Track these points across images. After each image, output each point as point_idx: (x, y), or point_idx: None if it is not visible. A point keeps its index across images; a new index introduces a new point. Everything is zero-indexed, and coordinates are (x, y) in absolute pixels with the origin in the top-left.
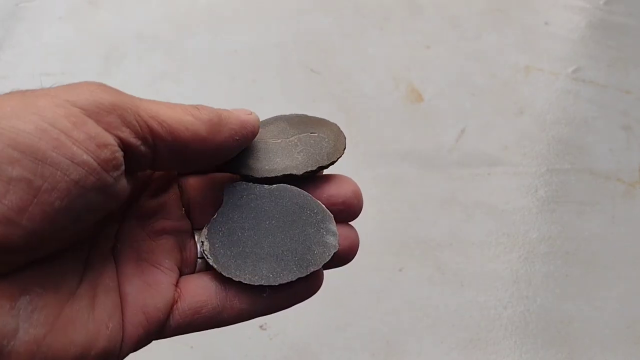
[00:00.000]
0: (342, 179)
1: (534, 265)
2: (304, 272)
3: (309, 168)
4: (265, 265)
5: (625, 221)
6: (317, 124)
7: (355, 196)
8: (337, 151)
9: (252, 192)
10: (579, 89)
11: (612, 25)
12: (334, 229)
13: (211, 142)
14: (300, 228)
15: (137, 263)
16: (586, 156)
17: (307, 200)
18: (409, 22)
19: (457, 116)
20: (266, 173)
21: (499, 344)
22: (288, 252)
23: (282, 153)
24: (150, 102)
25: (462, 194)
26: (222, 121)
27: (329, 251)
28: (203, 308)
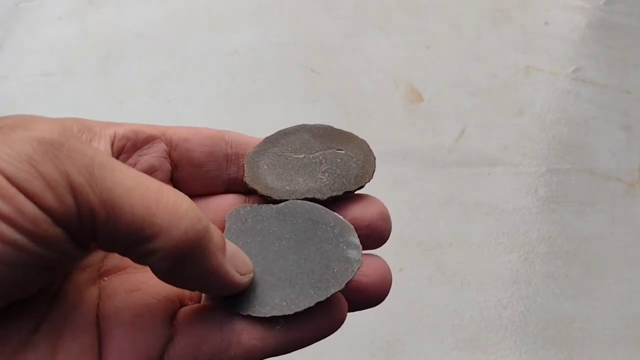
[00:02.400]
0: (367, 199)
1: (534, 265)
2: (323, 295)
3: (334, 192)
4: (277, 294)
5: (625, 221)
6: (344, 139)
7: (383, 218)
8: (366, 174)
9: (257, 214)
10: (579, 89)
11: (613, 26)
12: (355, 242)
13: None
14: (316, 245)
15: (128, 294)
16: (586, 156)
17: (322, 214)
18: (409, 22)
19: (457, 116)
20: (287, 195)
21: (499, 344)
22: (303, 274)
23: (305, 172)
24: (115, 173)
25: (462, 194)
26: (203, 248)
27: (352, 267)
28: (204, 344)
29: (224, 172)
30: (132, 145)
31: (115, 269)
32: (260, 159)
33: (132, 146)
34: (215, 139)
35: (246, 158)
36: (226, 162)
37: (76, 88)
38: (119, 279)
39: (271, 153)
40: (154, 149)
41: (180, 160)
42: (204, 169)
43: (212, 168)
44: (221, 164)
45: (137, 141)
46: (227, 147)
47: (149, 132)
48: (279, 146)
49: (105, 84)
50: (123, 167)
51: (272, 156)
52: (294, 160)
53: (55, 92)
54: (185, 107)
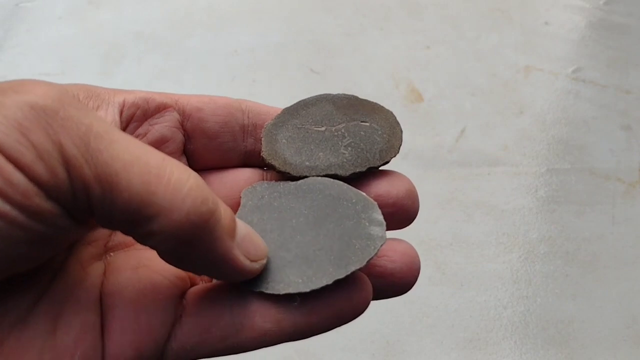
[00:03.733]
0: (392, 175)
1: (534, 265)
2: (342, 272)
3: (357, 169)
4: (293, 270)
5: (625, 221)
6: (369, 110)
7: (410, 196)
8: (392, 148)
9: (274, 191)
10: (579, 89)
11: (612, 25)
12: (379, 218)
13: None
14: (336, 222)
15: (134, 270)
16: (586, 156)
17: (343, 190)
18: (409, 22)
19: (457, 116)
20: (306, 171)
21: (499, 344)
22: (321, 251)
23: (326, 146)
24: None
25: (462, 194)
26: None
27: (375, 244)
28: (213, 326)
29: (241, 144)
30: (142, 113)
31: (123, 244)
32: (279, 131)
33: (143, 114)
34: (231, 108)
35: (264, 131)
36: (242, 134)
37: None
38: (126, 255)
39: (290, 125)
40: (165, 117)
41: (193, 130)
42: (219, 140)
43: (227, 139)
44: (237, 135)
45: (148, 109)
46: (243, 117)
47: (160, 99)
48: (299, 118)
49: (105, 83)
50: (123, 138)
51: (292, 129)
52: (314, 134)
53: None
54: None
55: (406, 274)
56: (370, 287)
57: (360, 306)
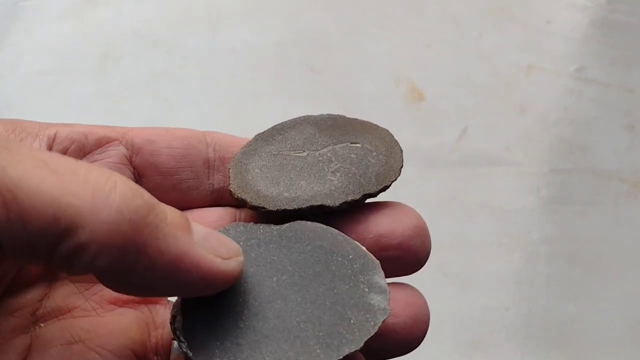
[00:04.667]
0: (396, 208)
1: (536, 266)
2: (333, 356)
3: (349, 197)
4: (269, 348)
5: (628, 221)
6: (360, 130)
7: (419, 235)
8: (391, 170)
9: (252, 237)
10: (581, 88)
11: (615, 24)
12: (381, 283)
13: (121, 266)
14: (328, 285)
15: (66, 347)
16: (589, 156)
17: (338, 241)
18: (410, 20)
19: (459, 115)
20: (285, 204)
21: (501, 346)
22: (308, 324)
23: (309, 173)
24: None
25: (464, 194)
26: (153, 238)
27: (375, 319)
28: None
29: (205, 182)
30: (78, 148)
31: (57, 311)
32: (250, 160)
33: (79, 149)
34: (191, 139)
35: (232, 161)
36: (207, 170)
37: (74, 87)
38: (59, 326)
39: (264, 153)
40: (109, 152)
41: (144, 167)
42: (176, 177)
43: (188, 177)
44: (200, 171)
45: (86, 144)
46: (207, 150)
47: (103, 133)
48: (274, 144)
49: (104, 82)
50: (24, 146)
51: (266, 156)
52: (294, 160)
53: (53, 91)
54: (183, 106)
55: (412, 330)
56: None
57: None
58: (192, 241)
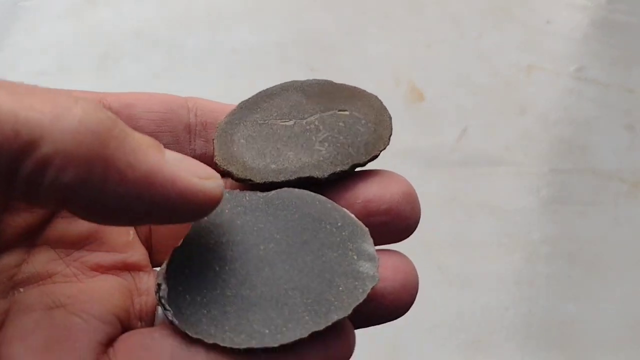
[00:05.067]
0: (384, 174)
1: (536, 267)
2: (321, 323)
3: (338, 167)
4: (257, 316)
5: (628, 222)
6: (348, 96)
7: (408, 200)
8: (380, 139)
9: (238, 204)
10: (581, 88)
11: (615, 24)
12: (370, 250)
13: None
14: (316, 252)
15: (47, 312)
16: (589, 156)
17: (326, 209)
18: (410, 20)
19: (459, 115)
20: (272, 176)
21: (501, 346)
22: (295, 291)
23: (297, 143)
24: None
25: (464, 194)
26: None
27: (364, 286)
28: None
29: (186, 147)
30: None
31: (37, 277)
32: (236, 130)
33: None
34: (172, 104)
35: (217, 131)
36: (188, 135)
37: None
38: (39, 291)
39: (249, 122)
40: None
41: None
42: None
43: (168, 141)
44: (181, 136)
45: None
46: (189, 115)
47: (78, 96)
48: (260, 112)
49: (104, 82)
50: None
51: (251, 126)
52: (280, 129)
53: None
54: None
55: (400, 295)
56: (354, 337)
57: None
58: (164, 159)
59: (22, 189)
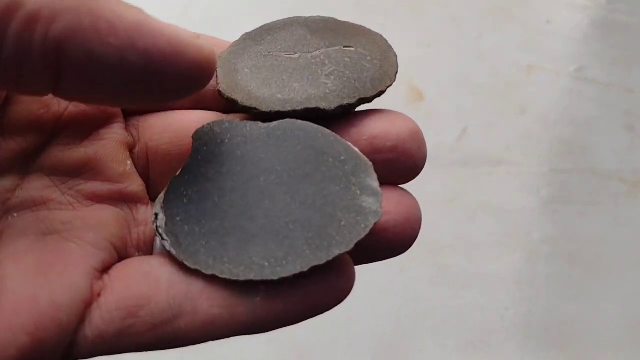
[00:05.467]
0: (391, 113)
1: (536, 267)
2: (322, 257)
3: (345, 101)
4: (257, 249)
5: (628, 222)
6: (353, 34)
7: (415, 139)
8: (386, 76)
9: (239, 134)
10: (581, 88)
11: (615, 24)
12: (374, 185)
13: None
14: (318, 185)
15: (41, 236)
16: (589, 156)
17: (329, 142)
18: (409, 20)
19: (459, 115)
20: (279, 105)
21: (501, 346)
22: (297, 224)
23: (302, 75)
24: None
25: (464, 194)
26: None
27: (366, 221)
28: (142, 309)
29: None
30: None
31: (31, 202)
32: (239, 60)
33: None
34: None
35: (219, 60)
36: None
37: None
38: (34, 217)
39: (253, 53)
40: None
41: None
42: None
43: None
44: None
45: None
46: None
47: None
48: (264, 44)
49: None
50: None
51: (256, 56)
52: (285, 61)
53: None
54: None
55: (403, 229)
56: (354, 272)
57: (339, 296)
58: (148, 15)
59: (13, 53)
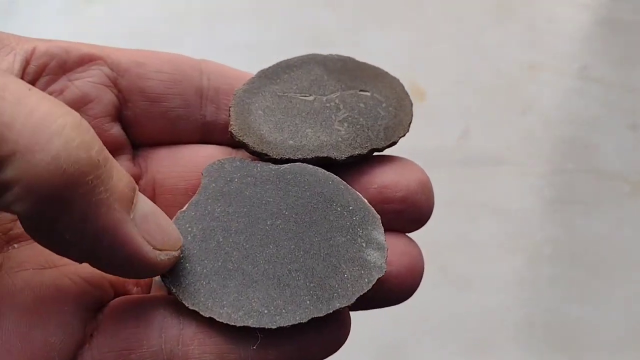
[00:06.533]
0: (401, 162)
1: (539, 267)
2: (322, 309)
3: (356, 151)
4: (258, 293)
5: (631, 222)
6: (370, 77)
7: (423, 190)
8: (400, 125)
9: (248, 174)
10: (584, 88)
11: (619, 23)
12: (380, 239)
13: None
14: (324, 234)
15: (38, 271)
16: (592, 156)
17: (339, 190)
18: (411, 18)
19: (460, 115)
20: (290, 152)
21: (502, 348)
22: (299, 273)
23: (316, 120)
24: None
25: (466, 194)
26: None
27: (370, 276)
28: (133, 352)
29: (196, 112)
30: (58, 65)
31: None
32: (253, 100)
33: (59, 67)
34: (184, 65)
35: (234, 99)
36: (199, 99)
37: None
38: (34, 249)
39: (268, 92)
40: (90, 72)
41: (130, 91)
42: (165, 104)
43: (177, 105)
44: (191, 100)
45: (67, 61)
46: (201, 78)
47: (86, 50)
48: (280, 83)
49: None
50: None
51: (270, 97)
52: (300, 104)
53: None
54: None
55: (405, 279)
56: (349, 323)
57: (333, 347)
58: (126, 217)
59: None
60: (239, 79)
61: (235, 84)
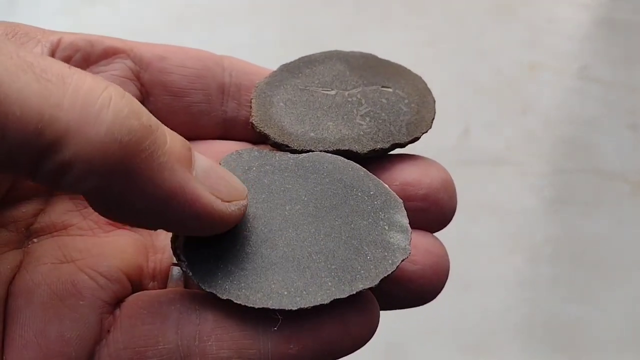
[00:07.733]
0: (424, 160)
1: (539, 267)
2: (345, 290)
3: (378, 144)
4: (277, 277)
5: (632, 222)
6: (392, 73)
7: (446, 189)
8: (423, 121)
9: (267, 163)
10: (584, 87)
11: (619, 22)
12: (403, 222)
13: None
14: (345, 218)
15: (56, 265)
16: (592, 156)
17: (359, 176)
18: (411, 18)
19: (461, 115)
20: (311, 144)
21: (502, 348)
22: (320, 255)
23: (338, 114)
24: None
25: (466, 194)
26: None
27: (394, 257)
28: (150, 349)
29: (218, 107)
30: (82, 57)
31: (52, 227)
32: (275, 92)
33: (83, 59)
34: (207, 61)
35: (255, 91)
36: (221, 95)
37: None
38: (53, 243)
39: (290, 86)
40: (114, 65)
41: (153, 85)
42: (187, 99)
43: (199, 100)
44: (213, 95)
45: (92, 53)
46: (223, 74)
47: (110, 43)
48: (302, 77)
49: None
50: (11, 44)
51: (292, 90)
52: (321, 98)
53: None
54: None
55: (430, 279)
56: (378, 312)
57: (361, 337)
58: (190, 176)
59: (42, 180)
60: (260, 75)
61: (256, 80)
